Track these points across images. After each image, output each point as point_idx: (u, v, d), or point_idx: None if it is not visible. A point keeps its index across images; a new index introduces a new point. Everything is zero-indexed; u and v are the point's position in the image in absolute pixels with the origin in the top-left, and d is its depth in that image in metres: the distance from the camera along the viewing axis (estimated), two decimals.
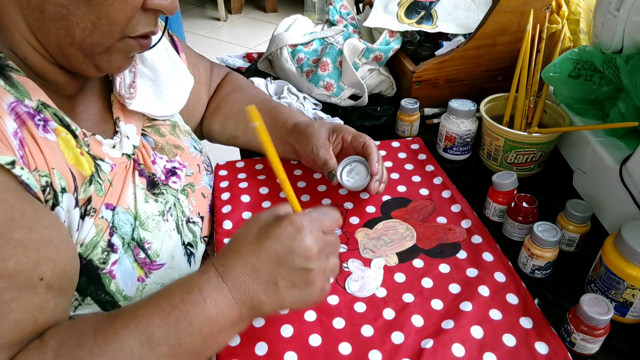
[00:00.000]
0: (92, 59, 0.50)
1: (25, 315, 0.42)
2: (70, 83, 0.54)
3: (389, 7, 0.98)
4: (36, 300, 0.43)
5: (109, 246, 0.52)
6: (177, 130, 0.69)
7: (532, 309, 0.55)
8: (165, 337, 0.43)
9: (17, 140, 0.44)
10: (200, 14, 3.49)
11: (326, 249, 0.47)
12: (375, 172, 0.65)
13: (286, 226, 0.45)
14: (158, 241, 0.57)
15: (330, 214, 0.48)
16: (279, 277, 0.45)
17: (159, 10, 0.50)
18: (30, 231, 0.42)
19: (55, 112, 0.49)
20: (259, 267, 0.45)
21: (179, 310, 0.43)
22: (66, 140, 0.49)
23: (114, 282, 0.52)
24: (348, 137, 0.69)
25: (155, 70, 0.65)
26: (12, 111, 0.45)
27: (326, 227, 0.47)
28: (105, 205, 0.53)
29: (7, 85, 0.45)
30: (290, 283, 0.45)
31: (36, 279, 0.42)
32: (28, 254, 0.41)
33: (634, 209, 0.59)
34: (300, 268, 0.45)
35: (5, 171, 0.41)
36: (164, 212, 0.59)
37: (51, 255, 0.44)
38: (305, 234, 0.45)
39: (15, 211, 0.41)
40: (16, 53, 0.48)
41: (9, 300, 0.40)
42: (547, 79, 0.72)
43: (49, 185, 0.46)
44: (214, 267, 0.46)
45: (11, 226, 0.40)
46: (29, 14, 0.45)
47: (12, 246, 0.40)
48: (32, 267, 0.42)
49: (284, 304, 0.47)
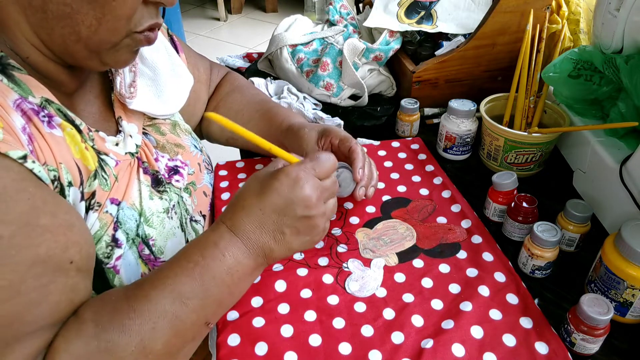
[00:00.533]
0: (99, 55, 0.50)
1: (62, 297, 0.43)
2: (71, 80, 0.54)
3: (389, 7, 0.98)
4: (70, 282, 0.44)
5: (113, 241, 0.52)
6: (178, 129, 0.69)
7: (532, 309, 0.55)
8: (193, 292, 0.46)
9: (25, 135, 0.44)
10: (200, 14, 3.49)
11: (324, 194, 0.51)
12: (358, 179, 0.63)
13: (284, 179, 0.49)
14: (162, 238, 0.58)
15: (324, 161, 0.51)
16: (284, 226, 0.49)
17: (159, 2, 0.50)
18: (54, 216, 0.43)
19: (59, 107, 0.50)
20: (264, 219, 0.49)
21: (201, 266, 0.47)
22: (71, 135, 0.50)
23: (118, 277, 0.53)
24: (335, 141, 0.67)
25: (155, 69, 0.65)
26: (17, 108, 0.45)
27: (322, 174, 0.51)
28: (110, 200, 0.53)
29: (11, 83, 0.46)
30: (295, 230, 0.50)
31: (67, 262, 0.43)
32: (56, 238, 0.42)
33: (634, 209, 0.59)
34: (302, 216, 0.49)
35: (19, 164, 0.42)
36: (168, 209, 0.60)
37: (76, 238, 0.45)
38: (302, 184, 0.49)
39: (37, 198, 0.42)
40: (18, 52, 0.48)
41: (47, 284, 0.42)
42: (547, 79, 0.72)
43: (56, 179, 0.46)
44: (224, 224, 0.49)
45: (36, 213, 0.41)
46: (31, 14, 0.45)
47: (39, 232, 0.41)
48: (61, 251, 0.43)
49: (293, 248, 0.51)
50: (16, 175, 0.40)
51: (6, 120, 0.43)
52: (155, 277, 0.47)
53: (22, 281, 0.40)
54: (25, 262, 0.40)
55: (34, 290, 0.41)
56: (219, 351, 0.52)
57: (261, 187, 0.49)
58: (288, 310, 0.55)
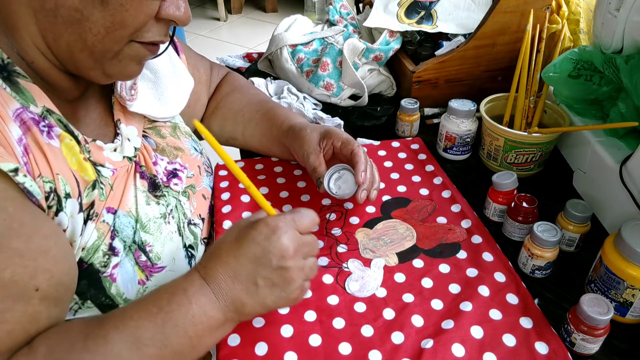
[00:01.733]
0: (102, 65, 0.50)
1: (16, 327, 0.41)
2: (74, 87, 0.54)
3: (389, 7, 0.98)
4: (30, 310, 0.42)
5: (110, 249, 0.52)
6: (178, 132, 0.69)
7: (532, 309, 0.55)
8: (152, 339, 0.44)
9: (21, 147, 0.44)
10: (200, 14, 3.48)
11: (303, 248, 0.48)
12: (360, 181, 0.63)
13: (262, 228, 0.47)
14: (159, 244, 0.57)
15: (305, 215, 0.49)
16: (258, 277, 0.46)
17: (172, 20, 0.50)
18: (28, 241, 0.42)
19: (59, 118, 0.50)
20: (238, 268, 0.46)
21: (165, 312, 0.45)
22: (70, 147, 0.49)
23: (115, 285, 0.52)
24: (337, 143, 0.66)
25: (156, 71, 0.65)
26: (17, 117, 0.45)
27: (302, 228, 0.49)
28: (106, 209, 0.53)
29: (13, 91, 0.46)
30: (270, 282, 0.47)
31: (32, 290, 0.42)
32: (25, 263, 0.41)
33: (634, 209, 0.59)
34: (277, 267, 0.46)
35: (7, 178, 0.41)
36: (165, 214, 0.60)
37: (48, 265, 0.43)
38: (280, 234, 0.46)
39: (14, 220, 0.41)
40: (23, 57, 0.48)
41: (2, 311, 0.40)
42: (547, 79, 0.72)
43: (53, 191, 0.46)
44: (197, 271, 0.47)
45: (9, 235, 0.40)
46: (42, 18, 0.45)
47: (9, 256, 0.40)
48: (28, 277, 0.41)
49: (266, 303, 0.48)
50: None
51: (2, 131, 0.42)
52: (119, 317, 0.45)
53: None
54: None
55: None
56: (219, 351, 0.52)
57: (239, 235, 0.48)
58: (288, 310, 0.55)
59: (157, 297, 0.46)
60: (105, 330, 0.44)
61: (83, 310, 0.51)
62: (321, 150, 0.68)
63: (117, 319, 0.45)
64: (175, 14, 0.49)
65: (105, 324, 0.44)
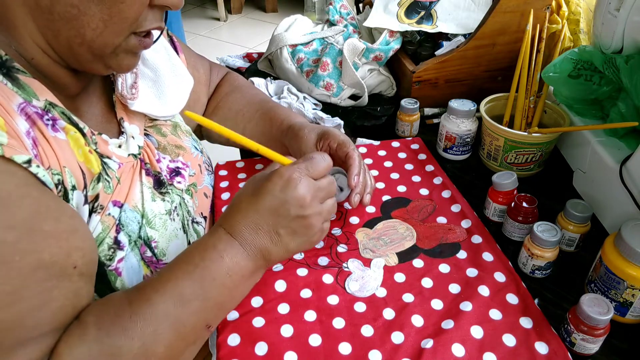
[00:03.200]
0: (102, 58, 0.50)
1: (65, 302, 0.43)
2: (75, 83, 0.54)
3: (389, 7, 0.98)
4: (73, 287, 0.44)
5: (115, 243, 0.52)
6: (179, 131, 0.69)
7: (532, 309, 0.55)
8: (194, 294, 0.46)
9: (30, 139, 0.44)
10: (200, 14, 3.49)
11: (318, 194, 0.51)
12: (352, 185, 0.62)
13: (277, 179, 0.49)
14: (165, 240, 0.58)
15: (319, 160, 0.51)
16: (279, 227, 0.49)
17: (166, 5, 0.50)
18: (58, 222, 0.43)
19: (62, 111, 0.50)
20: (260, 220, 0.49)
21: (201, 268, 0.47)
22: (75, 139, 0.50)
23: (120, 279, 0.52)
24: (334, 144, 0.66)
25: (157, 70, 0.65)
26: (22, 112, 0.45)
27: (316, 174, 0.51)
28: (112, 203, 0.53)
29: (15, 86, 0.46)
30: (291, 230, 0.50)
31: (70, 268, 0.43)
32: (60, 244, 0.42)
33: (634, 209, 0.59)
34: (296, 216, 0.49)
35: (23, 169, 0.42)
36: (170, 211, 0.60)
37: (79, 243, 0.45)
38: (295, 184, 0.49)
39: (40, 204, 0.42)
40: (23, 54, 0.48)
41: (50, 289, 0.42)
42: (547, 79, 0.72)
43: (60, 183, 0.46)
44: (221, 227, 0.50)
45: (40, 219, 0.41)
46: (38, 16, 0.45)
47: (43, 238, 0.41)
48: (65, 256, 0.43)
49: (290, 249, 0.51)
50: (20, 180, 0.40)
51: (10, 124, 0.43)
52: (157, 280, 0.47)
53: (25, 286, 0.40)
54: (28, 268, 0.40)
55: (37, 296, 0.41)
56: (219, 351, 0.52)
57: (255, 189, 0.50)
58: (288, 310, 0.55)
59: (189, 256, 0.48)
60: (147, 294, 0.46)
61: None
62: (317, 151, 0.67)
63: (156, 283, 0.47)
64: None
65: (146, 288, 0.46)
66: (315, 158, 0.51)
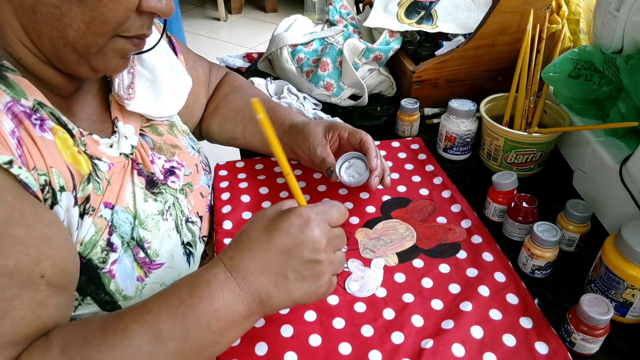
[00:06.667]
0: (87, 59, 0.50)
1: (27, 312, 0.41)
2: (67, 84, 0.54)
3: (389, 7, 0.98)
4: (38, 297, 0.42)
5: (108, 245, 0.52)
6: (175, 130, 0.69)
7: (532, 309, 0.55)
8: (172, 332, 0.42)
9: (14, 139, 0.44)
10: (200, 14, 3.49)
11: (333, 241, 0.47)
12: (374, 167, 0.64)
13: (294, 219, 0.45)
14: (157, 241, 0.57)
15: (336, 207, 0.48)
16: (288, 270, 0.45)
17: (154, 12, 0.50)
18: (30, 228, 0.42)
19: (51, 111, 0.49)
20: (269, 260, 0.45)
21: (187, 305, 0.43)
22: (63, 139, 0.49)
23: (114, 281, 0.52)
24: (344, 134, 0.68)
25: (154, 71, 0.65)
26: (8, 110, 0.44)
27: (333, 220, 0.48)
28: (104, 204, 0.53)
29: (3, 85, 0.45)
30: (300, 275, 0.45)
31: (37, 276, 0.42)
32: (28, 251, 0.41)
33: (634, 209, 0.59)
34: (309, 260, 0.45)
35: (3, 170, 0.41)
36: (163, 211, 0.60)
37: (51, 252, 0.43)
38: (314, 226, 0.45)
39: (14, 209, 0.41)
40: (11, 53, 0.48)
41: (11, 298, 0.40)
42: (547, 79, 0.72)
43: (47, 184, 0.46)
44: (221, 262, 0.46)
45: (10, 224, 0.40)
46: (22, 15, 0.45)
47: (11, 244, 0.40)
48: (32, 264, 0.41)
49: (294, 297, 0.46)
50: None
51: None
52: (139, 309, 0.44)
53: None
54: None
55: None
56: None
57: (269, 226, 0.46)
58: (288, 310, 0.55)
59: (178, 290, 0.45)
60: (124, 322, 0.43)
61: (83, 307, 0.51)
62: (327, 142, 0.69)
63: (137, 312, 0.43)
64: (157, 5, 0.49)
65: (124, 316, 0.43)
66: (332, 204, 0.48)
